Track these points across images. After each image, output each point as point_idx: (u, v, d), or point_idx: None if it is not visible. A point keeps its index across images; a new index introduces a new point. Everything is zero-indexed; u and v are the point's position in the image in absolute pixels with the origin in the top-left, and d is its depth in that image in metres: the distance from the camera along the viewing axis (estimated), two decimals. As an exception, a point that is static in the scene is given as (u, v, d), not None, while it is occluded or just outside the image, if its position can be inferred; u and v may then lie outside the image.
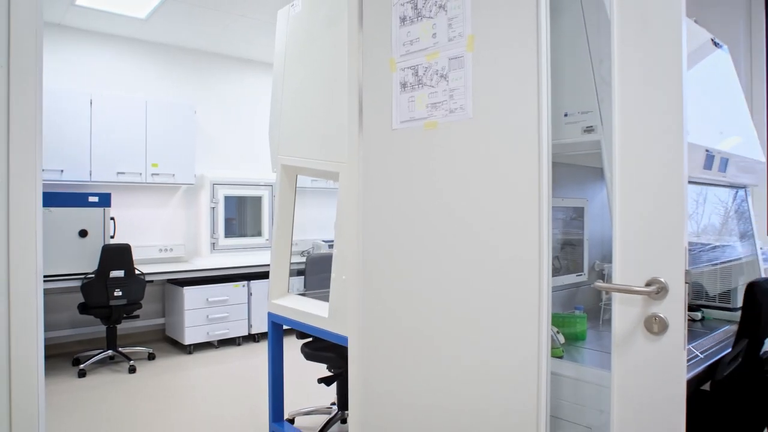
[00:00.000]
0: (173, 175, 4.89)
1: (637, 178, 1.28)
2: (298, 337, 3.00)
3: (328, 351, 2.91)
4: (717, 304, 2.42)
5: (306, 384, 3.82)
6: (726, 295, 2.41)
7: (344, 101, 2.16)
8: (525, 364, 1.47)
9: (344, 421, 3.10)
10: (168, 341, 5.09)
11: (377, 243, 1.87)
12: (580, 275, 2.31)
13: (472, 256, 1.58)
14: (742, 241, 2.49)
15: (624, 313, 1.30)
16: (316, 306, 2.48)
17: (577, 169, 2.30)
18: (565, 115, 1.62)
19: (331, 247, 5.97)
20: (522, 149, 1.47)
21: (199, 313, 4.70)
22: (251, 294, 5.05)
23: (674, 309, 1.22)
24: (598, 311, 2.29)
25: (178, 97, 5.26)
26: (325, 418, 3.20)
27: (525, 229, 1.46)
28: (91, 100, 4.45)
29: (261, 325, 5.08)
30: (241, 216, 5.41)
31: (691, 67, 1.94)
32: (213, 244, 5.14)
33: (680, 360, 1.22)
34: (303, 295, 2.85)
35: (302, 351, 2.96)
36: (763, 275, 2.42)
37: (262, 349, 4.85)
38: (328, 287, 3.18)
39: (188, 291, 4.65)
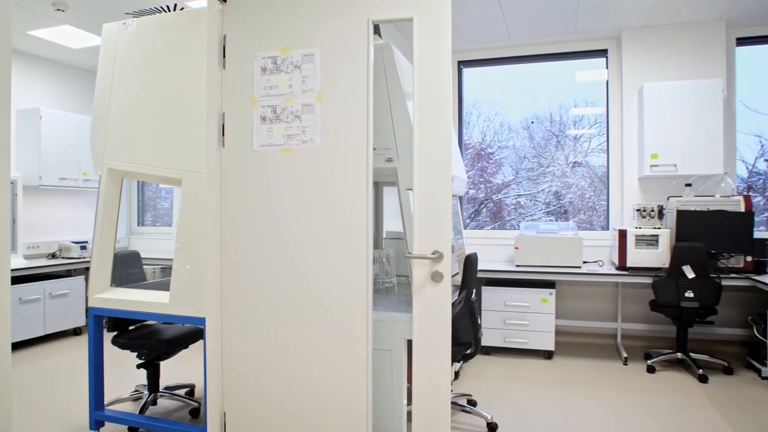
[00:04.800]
0: None
1: (427, 192, 2.19)
2: (108, 330, 3.17)
3: (144, 339, 3.18)
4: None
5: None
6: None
7: (190, 118, 2.60)
8: (359, 314, 2.26)
9: (155, 402, 3.38)
10: None
11: (237, 239, 2.41)
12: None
13: (321, 246, 2.29)
14: (456, 231, 3.77)
15: (419, 272, 2.20)
16: (149, 295, 2.79)
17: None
18: (374, 149, 2.46)
19: (83, 248, 5.72)
20: (354, 171, 2.25)
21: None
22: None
23: (446, 267, 2.18)
24: (376, 283, 3.23)
25: None
26: (130, 404, 3.41)
27: (357, 226, 2.25)
28: None
29: None
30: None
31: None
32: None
33: (449, 296, 2.18)
34: (141, 287, 3.07)
35: (115, 343, 3.15)
36: (467, 252, 3.73)
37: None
38: (136, 281, 3.43)
39: None
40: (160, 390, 3.35)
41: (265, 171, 2.36)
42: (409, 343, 2.48)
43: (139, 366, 3.16)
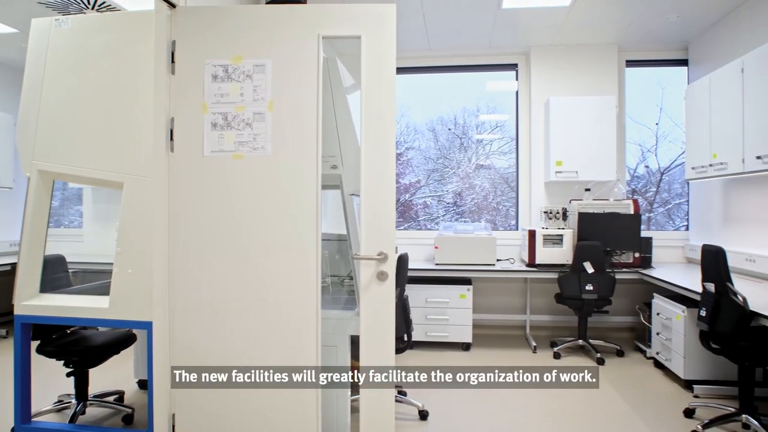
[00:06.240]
0: None
1: (372, 198, 2.37)
2: (32, 339, 3.04)
3: (74, 346, 3.09)
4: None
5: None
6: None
7: (133, 121, 2.59)
8: (309, 313, 2.39)
9: (84, 412, 3.27)
10: None
11: (186, 243, 2.45)
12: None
13: (272, 249, 2.40)
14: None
15: (366, 271, 2.38)
16: (86, 300, 2.73)
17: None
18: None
19: (-18, 252, 5.30)
20: (304, 177, 2.38)
21: None
22: None
23: (390, 267, 2.37)
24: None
25: None
26: (54, 416, 3.27)
27: (307, 229, 2.38)
28: None
29: None
30: None
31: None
32: None
33: (392, 294, 2.38)
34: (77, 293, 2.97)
35: (41, 351, 3.03)
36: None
37: None
38: (62, 287, 3.31)
39: None
40: (89, 398, 3.26)
41: (215, 176, 2.42)
42: (352, 338, 2.66)
43: (68, 374, 3.06)
